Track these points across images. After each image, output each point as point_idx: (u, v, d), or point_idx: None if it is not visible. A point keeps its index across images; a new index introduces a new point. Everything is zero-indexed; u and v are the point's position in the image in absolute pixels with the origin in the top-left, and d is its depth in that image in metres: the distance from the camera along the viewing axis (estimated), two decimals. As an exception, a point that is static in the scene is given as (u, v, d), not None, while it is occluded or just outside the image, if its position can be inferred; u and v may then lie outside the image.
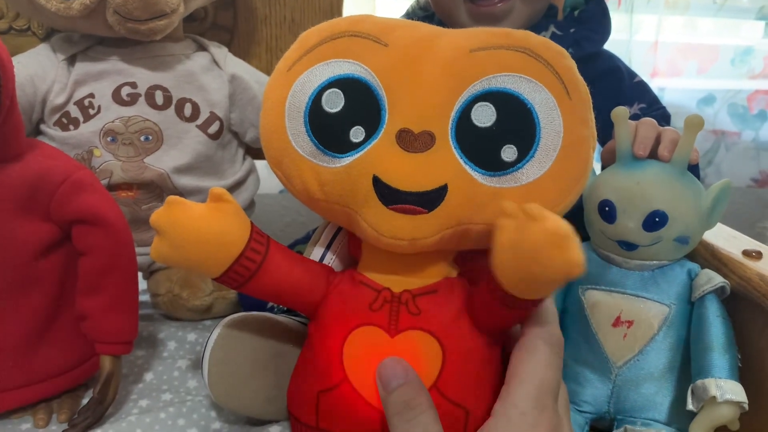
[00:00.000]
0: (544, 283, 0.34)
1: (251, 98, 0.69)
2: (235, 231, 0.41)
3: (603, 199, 0.51)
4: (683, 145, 0.49)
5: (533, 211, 0.33)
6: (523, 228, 0.33)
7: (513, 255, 0.34)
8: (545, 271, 0.33)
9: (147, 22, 0.58)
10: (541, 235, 0.32)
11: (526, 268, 0.34)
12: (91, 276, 0.50)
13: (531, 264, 0.33)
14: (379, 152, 0.39)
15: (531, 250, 0.33)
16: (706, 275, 0.49)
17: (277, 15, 0.78)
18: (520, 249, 0.34)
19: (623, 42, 1.09)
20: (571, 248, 0.32)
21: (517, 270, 0.35)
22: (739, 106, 1.13)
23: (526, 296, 0.36)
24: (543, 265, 0.33)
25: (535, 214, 0.33)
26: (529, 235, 0.33)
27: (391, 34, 0.41)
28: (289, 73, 0.42)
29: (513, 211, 0.35)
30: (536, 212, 0.33)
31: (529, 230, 0.33)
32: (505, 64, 0.39)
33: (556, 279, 0.33)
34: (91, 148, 0.62)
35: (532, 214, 0.33)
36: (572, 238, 0.32)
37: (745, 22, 1.21)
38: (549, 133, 0.38)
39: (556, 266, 0.32)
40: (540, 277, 0.33)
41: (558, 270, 0.32)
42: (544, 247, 0.32)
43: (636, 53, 1.10)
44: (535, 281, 0.34)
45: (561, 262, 0.32)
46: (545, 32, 0.66)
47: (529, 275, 0.34)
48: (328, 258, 0.47)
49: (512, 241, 0.34)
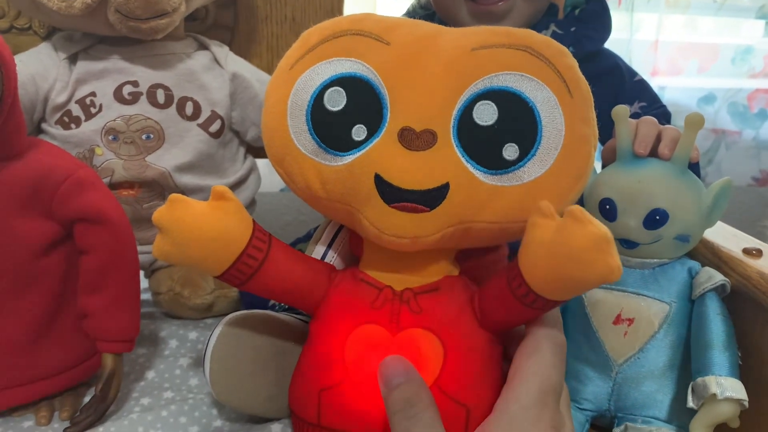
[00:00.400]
0: (579, 286, 0.35)
1: (252, 97, 0.69)
2: (237, 229, 0.41)
3: (604, 197, 0.51)
4: (684, 143, 0.49)
5: (577, 213, 0.33)
6: (564, 229, 0.34)
7: (551, 255, 0.35)
8: (585, 274, 0.33)
9: (148, 21, 0.58)
10: (585, 238, 0.33)
11: (563, 269, 0.34)
12: (92, 274, 0.50)
13: (571, 265, 0.33)
14: (381, 150, 0.39)
15: (573, 252, 0.33)
16: (706, 273, 0.50)
17: (278, 14, 0.78)
18: (559, 249, 0.34)
19: (623, 41, 1.10)
20: (614, 253, 0.32)
21: (552, 270, 0.35)
22: (740, 105, 1.13)
23: (553, 297, 0.36)
24: (584, 268, 0.33)
25: (579, 217, 0.33)
26: (572, 236, 0.33)
27: (392, 32, 0.41)
28: (291, 71, 0.42)
29: (550, 212, 0.35)
30: (580, 215, 0.33)
31: (572, 232, 0.33)
32: (507, 63, 0.39)
33: (593, 282, 0.33)
34: (92, 147, 0.62)
35: (576, 215, 0.33)
36: (614, 244, 0.33)
37: (745, 21, 1.22)
38: (550, 132, 0.38)
39: (597, 270, 0.33)
40: (577, 280, 0.34)
41: (598, 274, 0.33)
42: (588, 249, 0.32)
43: (636, 52, 1.10)
44: (570, 283, 0.34)
45: (603, 266, 0.32)
46: (546, 31, 0.67)
47: (566, 276, 0.34)
48: (329, 256, 0.47)
49: (550, 241, 0.34)
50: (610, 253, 0.32)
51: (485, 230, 0.40)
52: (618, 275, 0.32)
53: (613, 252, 0.32)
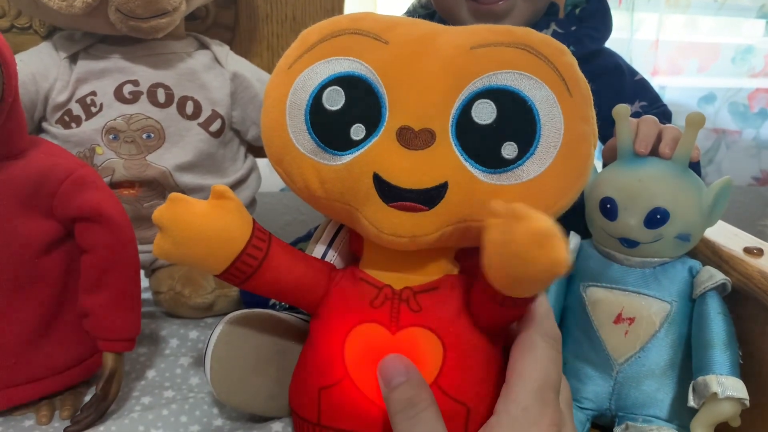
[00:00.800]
0: (530, 282, 0.34)
1: (253, 96, 0.69)
2: (237, 228, 0.41)
3: (604, 196, 0.51)
4: (684, 142, 0.49)
5: (518, 211, 0.32)
6: (508, 228, 0.33)
7: (499, 254, 0.34)
8: (530, 270, 0.32)
9: (149, 20, 0.58)
10: (525, 235, 0.32)
11: (512, 268, 0.33)
12: (93, 273, 0.50)
13: (516, 263, 0.33)
14: (380, 150, 0.39)
15: (516, 250, 0.32)
16: (707, 272, 0.49)
17: (278, 13, 0.78)
18: (506, 248, 0.33)
19: (624, 40, 1.09)
20: (556, 247, 0.31)
21: (503, 269, 0.34)
22: (740, 104, 1.13)
23: (515, 294, 0.36)
24: (528, 265, 0.32)
25: (520, 214, 0.32)
26: (514, 234, 0.32)
27: (391, 31, 0.41)
28: (289, 71, 0.42)
29: (500, 211, 0.35)
30: (521, 212, 0.32)
31: (514, 230, 0.32)
32: (506, 62, 0.39)
33: (542, 278, 0.33)
34: (93, 146, 0.62)
35: (517, 213, 0.32)
36: (556, 237, 0.31)
37: (745, 21, 1.21)
38: (549, 131, 0.38)
39: (541, 265, 0.32)
40: (526, 276, 0.33)
41: (543, 269, 0.32)
42: (529, 246, 0.32)
43: (636, 52, 1.10)
44: (522, 280, 0.34)
45: (545, 261, 0.31)
46: (546, 30, 0.66)
47: (516, 274, 0.33)
48: (329, 255, 0.47)
49: (499, 241, 0.34)
50: (551, 246, 0.31)
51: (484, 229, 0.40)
52: (563, 268, 0.31)
53: (556, 245, 0.31)
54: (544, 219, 0.32)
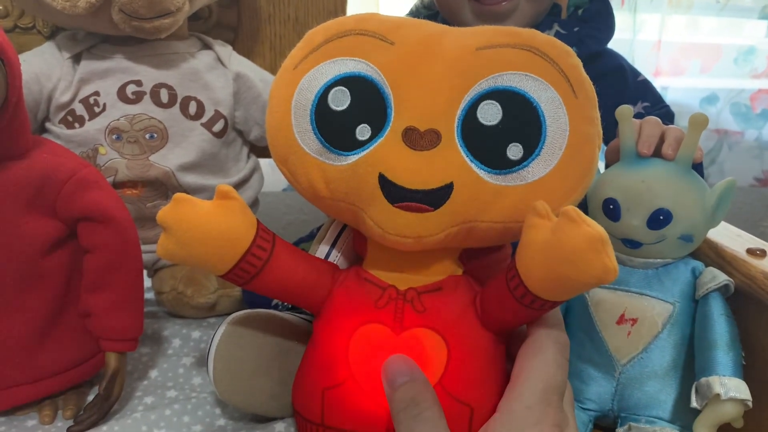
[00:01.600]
0: (575, 287, 0.34)
1: (256, 96, 0.69)
2: (241, 228, 0.41)
3: (607, 197, 0.51)
4: (687, 143, 0.49)
5: (571, 213, 0.33)
6: (559, 229, 0.34)
7: (545, 256, 0.35)
8: (581, 275, 0.33)
9: (152, 21, 0.59)
10: (580, 239, 0.32)
11: (559, 270, 0.34)
12: (96, 273, 0.50)
13: (566, 266, 0.33)
14: (385, 150, 0.39)
15: (568, 253, 0.33)
16: (710, 273, 0.50)
17: (281, 14, 0.78)
18: (554, 250, 0.34)
19: (626, 41, 1.10)
20: (610, 254, 0.32)
21: (548, 271, 0.35)
22: (742, 105, 1.13)
23: (551, 297, 0.36)
24: (579, 269, 0.33)
25: (573, 217, 0.33)
26: (567, 237, 0.33)
27: (397, 32, 0.41)
28: (295, 71, 0.42)
29: (546, 212, 0.35)
30: (574, 215, 0.33)
31: (567, 232, 0.33)
32: (511, 63, 0.39)
33: (589, 283, 0.33)
34: (96, 146, 0.62)
35: (570, 216, 0.33)
36: (609, 244, 0.33)
37: (748, 22, 1.21)
38: (555, 132, 0.38)
39: (593, 271, 0.32)
40: (573, 280, 0.34)
41: (594, 274, 0.33)
42: (584, 250, 0.32)
43: (639, 52, 1.10)
44: (567, 283, 0.34)
45: (599, 267, 0.32)
46: (549, 31, 0.67)
47: (562, 277, 0.34)
48: (333, 255, 0.47)
49: (546, 242, 0.34)
50: (605, 253, 0.32)
51: (489, 230, 0.40)
52: (613, 276, 0.32)
53: (609, 252, 0.32)
54: (596, 224, 0.33)
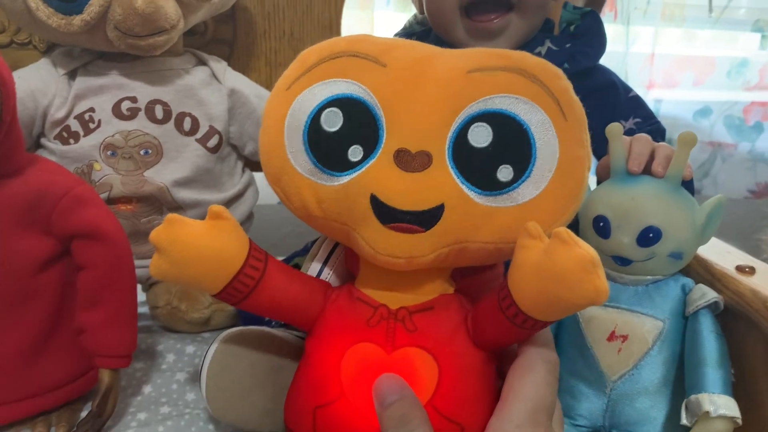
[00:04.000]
0: (567, 307, 0.35)
1: (250, 112, 0.69)
2: (233, 248, 0.41)
3: (598, 214, 0.51)
4: (677, 161, 0.50)
5: (563, 235, 0.34)
6: (551, 250, 0.34)
7: (538, 277, 0.35)
8: (573, 296, 0.34)
9: (147, 38, 0.59)
10: (572, 260, 0.33)
11: (551, 291, 0.34)
12: (90, 290, 0.51)
13: (558, 287, 0.34)
14: (377, 171, 0.39)
15: (559, 274, 0.34)
16: (699, 290, 0.50)
17: (276, 29, 0.79)
18: (546, 271, 0.34)
19: (620, 54, 1.10)
20: (600, 276, 0.33)
21: (540, 292, 0.35)
22: (735, 117, 1.14)
23: (542, 317, 0.37)
24: (571, 290, 0.33)
25: (565, 238, 0.34)
26: (559, 258, 0.34)
27: (389, 54, 0.41)
28: (288, 92, 0.43)
29: (538, 233, 0.36)
30: (566, 236, 0.34)
31: (559, 254, 0.34)
32: (502, 86, 0.39)
33: (581, 304, 0.34)
34: (91, 162, 0.62)
35: (562, 237, 0.34)
36: (601, 266, 0.33)
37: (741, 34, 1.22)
38: (544, 154, 0.39)
39: (585, 292, 0.33)
40: (565, 301, 0.34)
41: (585, 296, 0.33)
42: (575, 272, 0.33)
43: (632, 65, 1.11)
44: (559, 304, 0.35)
45: (590, 288, 0.33)
46: (541, 47, 0.67)
47: (554, 298, 0.35)
48: (325, 273, 0.47)
49: (538, 263, 0.35)
50: (597, 275, 0.33)
51: (480, 250, 0.40)
52: (605, 298, 0.33)
53: (600, 274, 0.33)
54: (588, 246, 0.33)
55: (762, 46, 1.24)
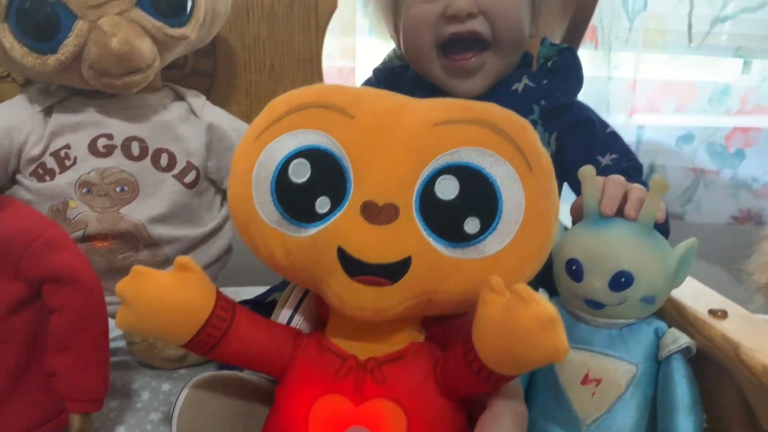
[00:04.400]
0: (527, 364, 0.36)
1: (229, 146, 0.69)
2: (199, 300, 0.41)
3: (570, 257, 0.51)
4: (649, 205, 0.50)
5: (522, 292, 0.34)
6: (511, 308, 0.35)
7: (498, 333, 0.36)
8: (531, 354, 0.34)
9: (122, 77, 0.59)
10: (529, 319, 0.34)
11: (510, 348, 0.35)
12: (61, 334, 0.50)
13: (516, 345, 0.34)
14: (344, 224, 0.39)
15: (518, 332, 0.34)
16: (672, 335, 0.50)
17: (257, 61, 0.79)
18: (506, 328, 0.35)
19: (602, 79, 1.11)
20: (559, 334, 0.33)
21: (500, 347, 0.36)
22: (717, 144, 1.15)
23: (506, 372, 0.37)
24: (530, 349, 0.34)
25: (524, 296, 0.34)
26: (518, 316, 0.34)
27: (357, 105, 0.42)
28: (256, 141, 0.43)
29: (500, 288, 0.36)
30: (525, 294, 0.34)
31: (518, 311, 0.34)
32: (468, 138, 0.40)
33: (540, 361, 0.34)
34: (66, 200, 0.62)
35: (521, 294, 0.34)
36: (560, 324, 0.34)
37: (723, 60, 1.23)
38: (511, 207, 0.39)
39: (543, 350, 0.34)
40: (525, 358, 0.35)
41: (544, 354, 0.34)
42: (534, 331, 0.33)
43: (614, 92, 1.11)
44: (519, 360, 0.35)
45: (549, 347, 0.33)
46: (518, 83, 0.67)
47: (514, 354, 0.35)
48: (296, 320, 0.47)
49: (498, 319, 0.35)
50: (556, 333, 0.33)
51: (448, 302, 0.40)
52: (564, 355, 0.33)
53: (560, 332, 0.33)
54: (547, 303, 0.34)
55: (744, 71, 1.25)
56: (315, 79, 0.81)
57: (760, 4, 1.10)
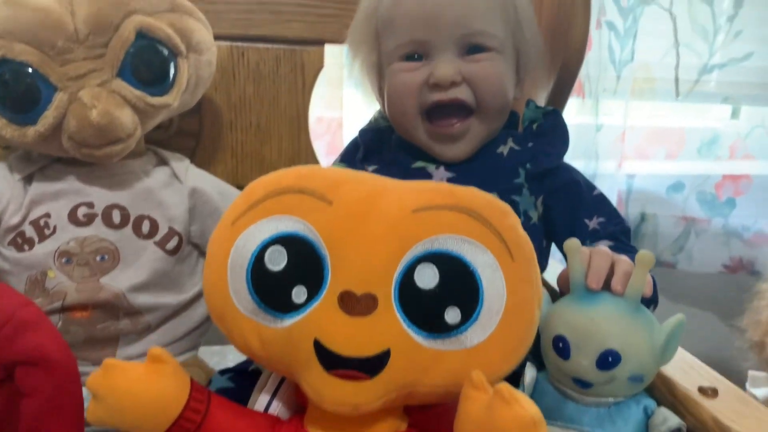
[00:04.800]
0: None
1: (213, 210, 0.68)
2: (173, 392, 0.40)
3: (557, 334, 0.50)
4: (635, 281, 0.49)
5: (504, 393, 0.34)
6: (493, 407, 0.34)
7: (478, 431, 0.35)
8: None
9: (102, 148, 0.58)
10: (511, 422, 0.33)
11: None
12: (32, 419, 0.48)
13: None
14: (321, 315, 0.38)
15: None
16: (661, 415, 0.49)
17: (242, 121, 0.79)
18: (486, 427, 0.34)
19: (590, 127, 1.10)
20: None
21: None
22: (708, 193, 1.15)
23: None
24: None
25: (506, 396, 0.34)
26: (499, 417, 0.34)
27: (336, 190, 0.41)
28: (233, 227, 0.42)
29: (482, 385, 0.36)
30: (507, 394, 0.34)
31: (499, 412, 0.34)
32: (448, 226, 0.39)
33: None
34: (45, 270, 0.61)
35: (503, 395, 0.34)
36: (542, 426, 0.33)
37: (712, 107, 1.24)
38: (492, 296, 0.38)
39: None
40: None
41: None
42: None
43: (603, 141, 1.11)
44: None
45: None
46: (503, 146, 0.67)
47: None
48: (274, 406, 0.45)
49: (480, 419, 0.35)
50: None
51: (430, 394, 0.39)
52: None
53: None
54: (530, 405, 0.33)
55: (733, 117, 1.26)
56: (302, 136, 0.81)
57: (746, 55, 1.11)
